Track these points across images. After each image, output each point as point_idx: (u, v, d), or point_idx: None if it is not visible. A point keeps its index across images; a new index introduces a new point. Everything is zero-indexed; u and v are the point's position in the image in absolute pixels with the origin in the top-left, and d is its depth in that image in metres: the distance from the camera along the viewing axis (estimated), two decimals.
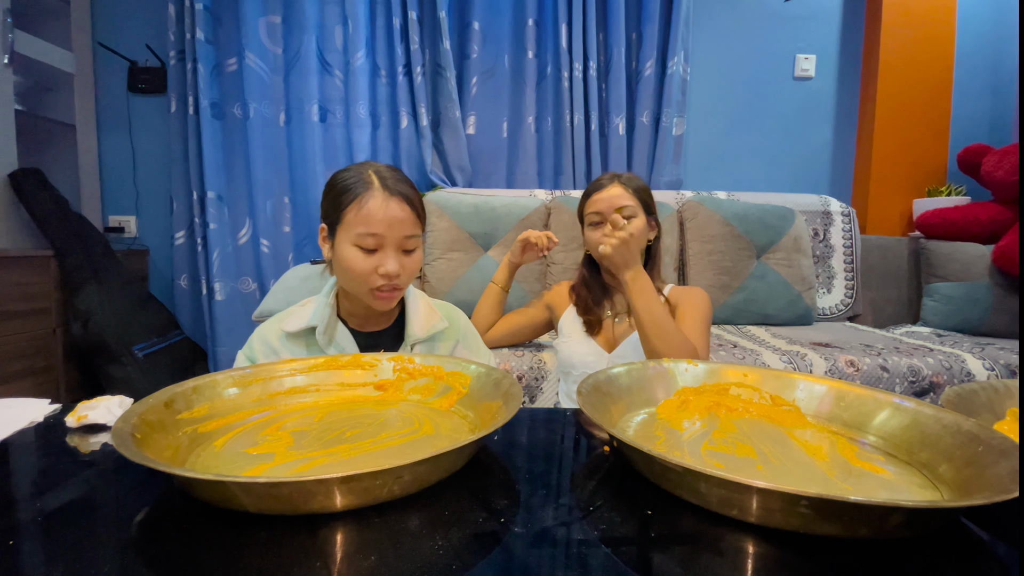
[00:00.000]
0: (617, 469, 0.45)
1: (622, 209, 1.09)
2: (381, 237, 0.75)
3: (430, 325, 0.84)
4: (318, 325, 0.79)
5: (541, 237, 1.23)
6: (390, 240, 0.75)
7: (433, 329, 0.84)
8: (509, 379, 0.55)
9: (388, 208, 0.75)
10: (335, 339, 0.81)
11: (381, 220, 0.74)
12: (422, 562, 0.31)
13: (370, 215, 0.74)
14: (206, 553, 0.32)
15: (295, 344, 0.80)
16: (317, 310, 0.81)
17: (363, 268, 0.75)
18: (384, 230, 0.74)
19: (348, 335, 0.82)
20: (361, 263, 0.75)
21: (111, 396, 0.58)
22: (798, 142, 2.45)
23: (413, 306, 0.85)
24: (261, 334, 0.82)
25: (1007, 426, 0.51)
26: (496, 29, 2.21)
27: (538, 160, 2.28)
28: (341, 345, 0.81)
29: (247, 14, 2.05)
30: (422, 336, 0.83)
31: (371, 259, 0.75)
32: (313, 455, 0.45)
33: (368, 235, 0.74)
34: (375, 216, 0.74)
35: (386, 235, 0.75)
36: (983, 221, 1.97)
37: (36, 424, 0.54)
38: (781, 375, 0.59)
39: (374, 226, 0.74)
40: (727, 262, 1.85)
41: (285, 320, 0.81)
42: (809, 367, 1.36)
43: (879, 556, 0.33)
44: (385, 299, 0.78)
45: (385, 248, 0.75)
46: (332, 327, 0.81)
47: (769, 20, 2.39)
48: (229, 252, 2.16)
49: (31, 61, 1.96)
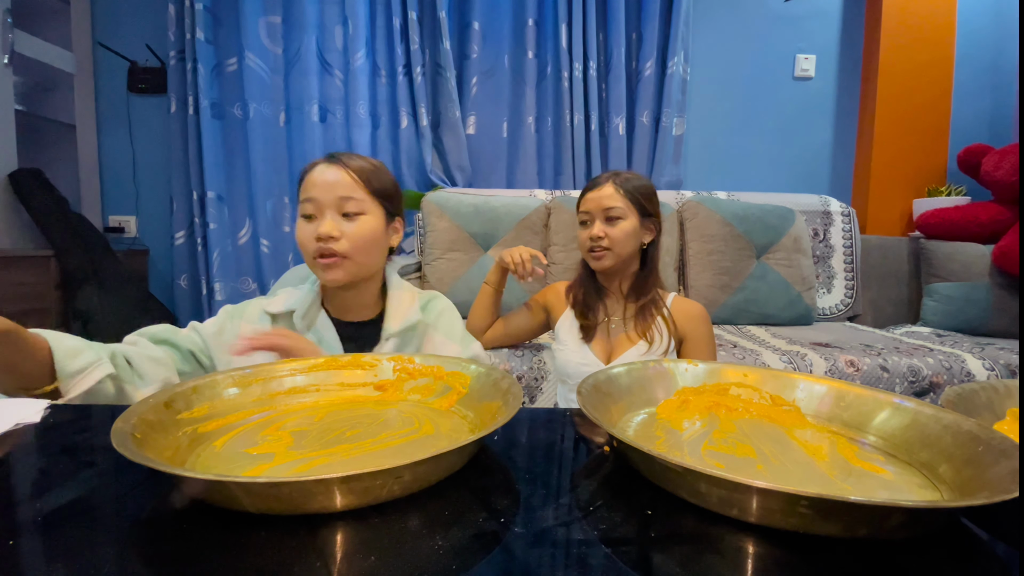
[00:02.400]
0: (617, 469, 0.45)
1: (609, 211, 1.08)
2: (316, 201, 0.76)
3: (405, 319, 0.83)
4: (297, 309, 0.79)
5: (521, 262, 1.13)
6: (325, 202, 0.76)
7: (406, 323, 0.82)
8: (509, 379, 0.55)
9: (322, 172, 0.78)
10: (315, 325, 0.81)
11: (315, 184, 0.77)
12: (422, 562, 0.31)
13: (309, 182, 0.78)
14: (206, 553, 0.32)
15: (264, 323, 0.80)
16: (301, 295, 0.82)
17: (303, 235, 0.77)
18: (317, 193, 0.76)
19: (329, 323, 0.81)
20: (302, 231, 0.77)
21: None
22: (798, 142, 2.45)
23: (395, 300, 0.84)
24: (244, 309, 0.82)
25: (1007, 426, 0.51)
26: (496, 29, 2.21)
27: (538, 160, 2.28)
28: (320, 332, 0.80)
29: (247, 14, 2.05)
30: (395, 330, 0.82)
31: (310, 225, 0.77)
32: (313, 455, 0.45)
33: (306, 201, 0.77)
34: (312, 182, 0.77)
35: (321, 198, 0.76)
36: (983, 221, 1.97)
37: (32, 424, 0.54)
38: (781, 375, 0.59)
39: (309, 190, 0.77)
40: (727, 262, 1.85)
41: (270, 302, 0.82)
42: (809, 367, 1.36)
43: (879, 556, 0.33)
44: (327, 268, 0.76)
45: (323, 213, 0.77)
46: (313, 313, 0.81)
47: (769, 20, 2.39)
48: (229, 252, 2.16)
49: (31, 61, 1.96)
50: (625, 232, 1.08)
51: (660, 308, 1.10)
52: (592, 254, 1.10)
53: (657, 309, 1.10)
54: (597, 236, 1.08)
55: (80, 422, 0.56)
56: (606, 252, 1.09)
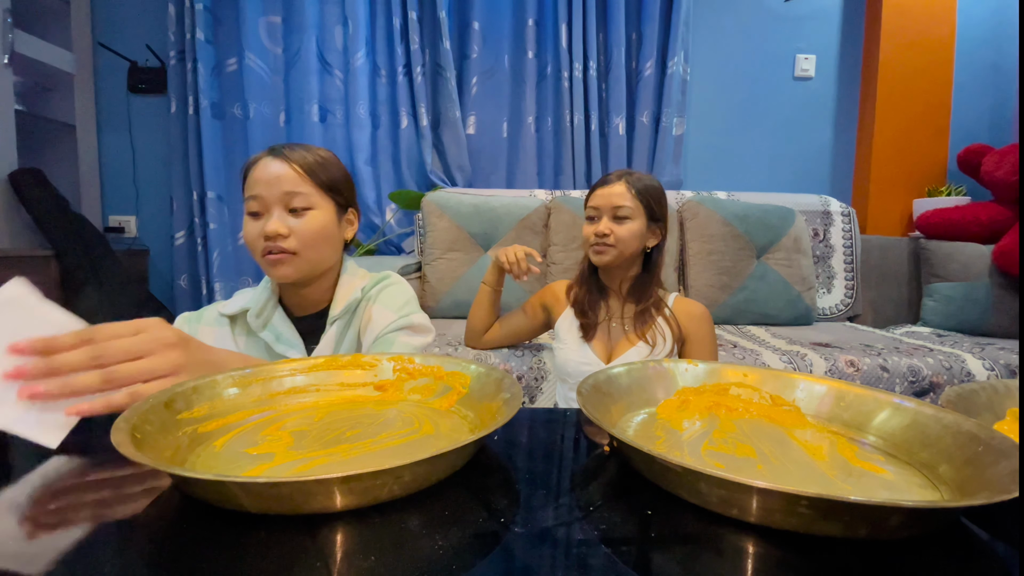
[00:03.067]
0: (617, 469, 0.45)
1: (617, 209, 1.09)
2: (262, 198, 0.74)
3: (346, 301, 0.81)
4: (251, 308, 0.78)
5: (516, 261, 1.15)
6: (271, 199, 0.74)
7: (347, 305, 0.81)
8: (509, 379, 0.55)
9: (268, 168, 0.75)
10: (271, 323, 0.80)
11: (259, 180, 0.74)
12: (422, 562, 0.31)
13: (253, 179, 0.75)
14: (206, 553, 0.32)
15: (223, 325, 0.79)
16: (255, 294, 0.81)
17: (249, 233, 0.75)
18: (263, 190, 0.74)
19: (285, 319, 0.80)
20: (248, 228, 0.75)
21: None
22: (798, 142, 2.45)
23: (344, 285, 0.83)
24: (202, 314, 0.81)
25: (1007, 426, 0.51)
26: (496, 29, 2.21)
27: (538, 160, 2.28)
28: (277, 329, 0.79)
29: (247, 14, 2.06)
30: (338, 312, 0.80)
31: (257, 223, 0.75)
32: (313, 455, 0.45)
33: (251, 198, 0.74)
34: (256, 177, 0.75)
35: (265, 195, 0.74)
36: (983, 221, 1.97)
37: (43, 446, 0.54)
38: (781, 375, 0.59)
39: (253, 187, 0.74)
40: (727, 262, 1.85)
41: (225, 304, 0.81)
42: (809, 367, 1.36)
43: (879, 556, 0.33)
44: (276, 264, 0.74)
45: (269, 209, 0.74)
46: (269, 312, 0.80)
47: (769, 20, 2.39)
48: (229, 252, 2.16)
49: (31, 61, 1.96)
50: (631, 232, 1.08)
51: (662, 309, 1.10)
52: (594, 248, 1.11)
53: (659, 311, 1.10)
54: (603, 232, 1.08)
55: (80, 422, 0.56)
56: (609, 248, 1.09)
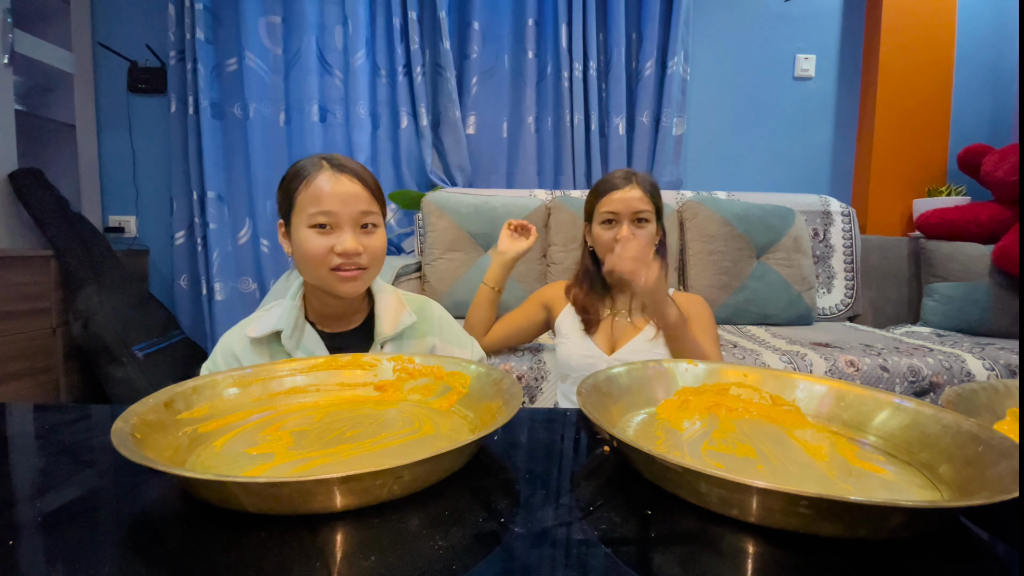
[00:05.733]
0: (617, 469, 0.45)
1: (639, 214, 1.07)
2: (334, 214, 0.72)
3: (398, 321, 0.81)
4: (284, 329, 0.75)
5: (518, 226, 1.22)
6: (344, 217, 0.73)
7: (401, 325, 0.80)
8: (509, 379, 0.55)
9: (338, 183, 0.73)
10: (303, 342, 0.77)
11: (332, 195, 0.72)
12: (422, 562, 0.31)
13: (320, 192, 0.72)
14: (206, 553, 0.32)
15: (257, 352, 0.76)
16: (283, 313, 0.77)
17: (319, 248, 0.72)
18: (337, 206, 0.72)
19: (316, 337, 0.78)
20: (317, 243, 0.72)
21: None
22: (798, 142, 2.45)
23: (383, 303, 0.82)
24: (225, 343, 0.78)
25: (1007, 426, 0.51)
26: (496, 29, 2.21)
27: (538, 160, 2.28)
28: (309, 348, 0.77)
29: (247, 14, 2.05)
30: (390, 334, 0.79)
31: (327, 238, 0.73)
32: (313, 455, 0.45)
33: (320, 213, 0.72)
34: (324, 191, 0.72)
35: (339, 212, 0.73)
36: (983, 221, 1.97)
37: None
38: (781, 375, 0.59)
39: (325, 203, 0.72)
40: (727, 262, 1.85)
41: (249, 326, 0.77)
42: (809, 367, 1.36)
43: (879, 556, 0.33)
44: (348, 280, 0.74)
45: (341, 226, 0.73)
46: (300, 330, 0.78)
47: (769, 20, 2.39)
48: (229, 252, 2.16)
49: (31, 61, 1.96)
50: (650, 235, 1.08)
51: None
52: None
53: None
54: (628, 237, 1.05)
55: (80, 422, 0.56)
56: None
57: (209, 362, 0.78)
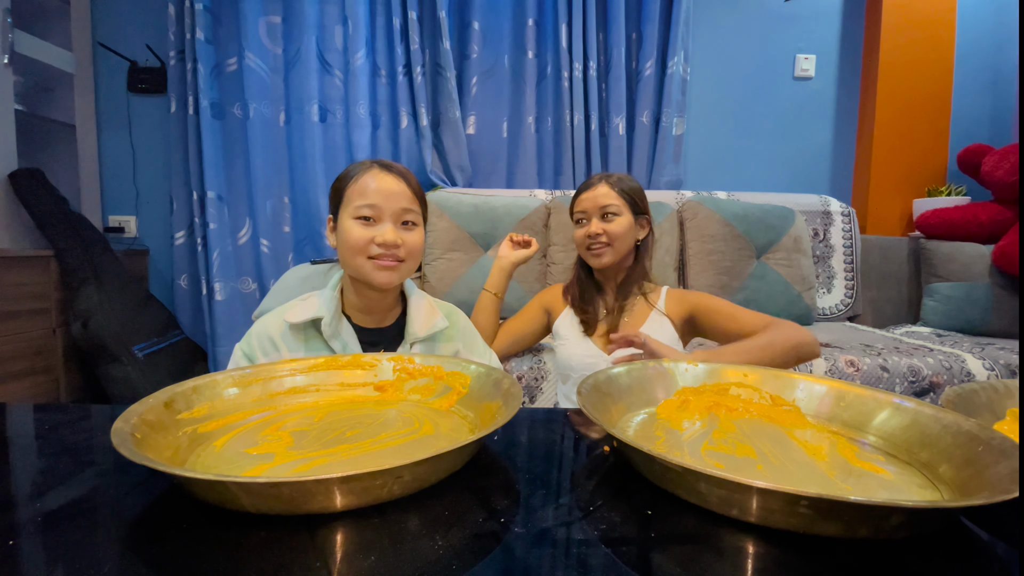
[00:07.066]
0: (617, 469, 0.45)
1: (605, 208, 1.10)
2: (378, 208, 0.78)
3: (431, 324, 0.85)
4: (324, 316, 0.79)
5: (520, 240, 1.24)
6: (386, 211, 0.79)
7: (433, 328, 0.85)
8: (509, 379, 0.55)
9: (383, 180, 0.80)
10: (339, 333, 0.81)
11: (376, 191, 0.79)
12: (422, 562, 0.31)
13: (366, 187, 0.79)
14: (206, 553, 0.32)
15: (295, 337, 0.80)
16: (323, 302, 0.81)
17: (361, 237, 0.78)
18: (380, 200, 0.78)
19: (351, 330, 0.82)
20: (359, 233, 0.78)
21: None
22: (798, 142, 2.45)
23: (415, 305, 0.86)
24: (261, 327, 0.82)
25: (1007, 426, 0.51)
26: (496, 29, 2.21)
27: (538, 160, 2.28)
28: (344, 339, 0.81)
29: (247, 14, 2.05)
30: (422, 335, 0.84)
31: (369, 229, 0.79)
32: (313, 455, 0.45)
33: (364, 206, 0.78)
34: (370, 187, 0.79)
35: (382, 206, 0.79)
36: (983, 221, 1.97)
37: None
38: (781, 375, 0.59)
39: (370, 196, 0.78)
40: (727, 262, 1.85)
41: (288, 311, 0.81)
42: (809, 367, 1.36)
43: (879, 556, 0.33)
44: (385, 270, 0.79)
45: (383, 219, 0.79)
46: (338, 320, 0.82)
47: (769, 20, 2.39)
48: (229, 252, 2.16)
49: (31, 61, 1.96)
50: (622, 227, 1.10)
51: (652, 302, 1.12)
52: (591, 251, 1.12)
53: (649, 303, 1.12)
54: (596, 233, 1.10)
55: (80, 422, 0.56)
56: (606, 248, 1.11)
57: (244, 344, 0.82)
